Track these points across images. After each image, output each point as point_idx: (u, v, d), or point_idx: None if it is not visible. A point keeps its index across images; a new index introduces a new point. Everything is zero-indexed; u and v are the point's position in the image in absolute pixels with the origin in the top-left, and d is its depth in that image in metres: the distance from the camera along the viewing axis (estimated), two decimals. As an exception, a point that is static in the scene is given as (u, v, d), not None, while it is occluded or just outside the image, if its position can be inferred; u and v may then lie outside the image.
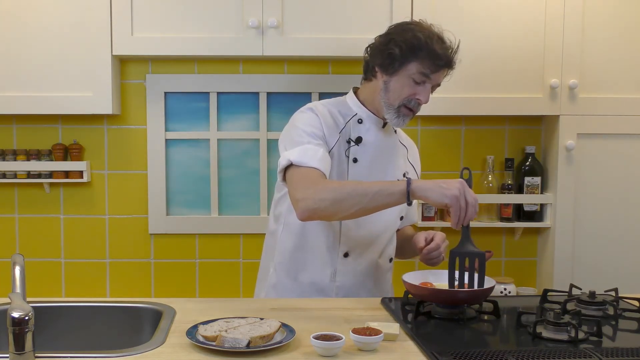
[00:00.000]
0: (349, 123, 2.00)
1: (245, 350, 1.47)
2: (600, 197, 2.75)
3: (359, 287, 2.03)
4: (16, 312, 1.33)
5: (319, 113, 1.96)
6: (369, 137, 2.00)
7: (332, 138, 1.95)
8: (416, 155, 2.20)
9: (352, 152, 1.98)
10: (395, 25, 1.99)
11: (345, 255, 2.02)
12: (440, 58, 1.89)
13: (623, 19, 2.70)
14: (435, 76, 1.92)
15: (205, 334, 1.52)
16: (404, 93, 1.92)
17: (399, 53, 1.90)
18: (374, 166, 1.99)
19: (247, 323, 1.59)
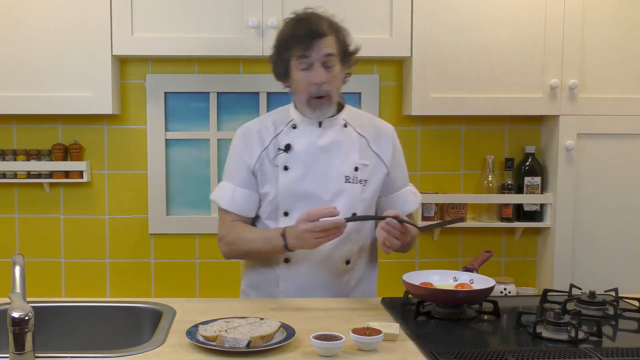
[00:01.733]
0: (283, 130, 2.02)
1: (245, 350, 1.46)
2: (600, 197, 2.75)
3: (305, 292, 1.99)
4: (16, 312, 1.33)
5: (243, 133, 2.05)
6: (302, 141, 1.99)
7: (254, 155, 2.01)
8: (387, 143, 2.08)
9: (282, 160, 1.99)
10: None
11: (286, 260, 2.00)
12: (302, 35, 1.90)
13: (623, 19, 2.70)
14: (314, 52, 1.90)
15: (205, 334, 1.52)
16: (302, 86, 1.94)
17: (277, 59, 1.99)
18: (311, 169, 1.97)
19: (247, 323, 1.59)
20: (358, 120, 2.08)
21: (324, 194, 1.97)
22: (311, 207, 1.93)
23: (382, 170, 2.05)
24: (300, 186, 1.97)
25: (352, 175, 1.99)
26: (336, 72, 1.95)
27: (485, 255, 2.03)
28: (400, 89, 2.90)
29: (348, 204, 1.97)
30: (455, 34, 2.67)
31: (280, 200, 1.99)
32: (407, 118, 2.90)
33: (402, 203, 2.10)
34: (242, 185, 2.02)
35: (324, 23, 1.94)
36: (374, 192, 2.04)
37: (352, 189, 1.98)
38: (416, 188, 2.19)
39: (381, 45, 2.65)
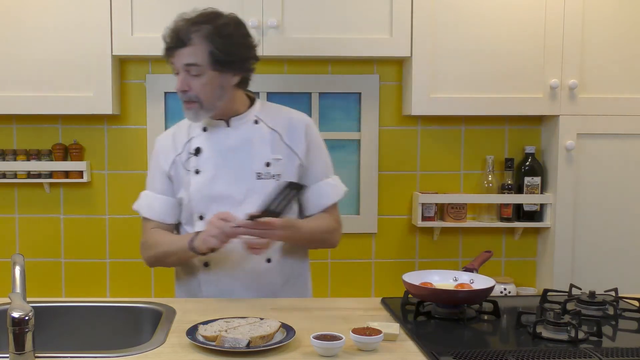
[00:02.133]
0: (195, 134, 2.02)
1: (245, 350, 1.46)
2: (600, 197, 2.75)
3: (227, 294, 1.97)
4: (16, 312, 1.33)
5: (160, 140, 2.09)
6: (210, 143, 1.99)
7: (168, 160, 2.03)
8: (300, 135, 2.04)
9: (193, 164, 1.99)
10: None
11: (206, 265, 1.99)
12: (168, 43, 1.93)
13: (623, 19, 2.70)
14: (175, 60, 1.92)
15: (205, 334, 1.52)
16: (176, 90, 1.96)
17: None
18: (221, 170, 1.97)
19: (247, 323, 1.59)
20: (270, 114, 2.06)
21: (237, 194, 1.96)
22: (224, 208, 1.93)
23: (294, 162, 2.02)
24: (212, 188, 1.96)
25: (263, 171, 1.97)
26: (205, 80, 1.91)
27: (485, 255, 2.03)
28: (400, 89, 2.90)
29: (262, 200, 1.92)
30: (455, 34, 2.67)
31: (193, 204, 1.98)
32: (407, 118, 2.90)
33: (317, 196, 2.07)
34: (159, 192, 2.05)
35: (190, 30, 1.90)
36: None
37: (265, 185, 1.95)
38: (339, 180, 2.13)
39: (381, 45, 2.65)
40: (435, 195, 2.84)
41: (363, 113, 2.87)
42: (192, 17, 1.94)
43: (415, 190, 2.93)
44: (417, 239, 2.96)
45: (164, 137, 2.11)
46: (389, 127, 2.91)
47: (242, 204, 1.96)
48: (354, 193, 2.91)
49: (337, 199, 2.10)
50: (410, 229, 2.95)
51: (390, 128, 2.91)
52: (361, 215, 2.91)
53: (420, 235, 2.96)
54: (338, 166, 2.87)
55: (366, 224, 2.91)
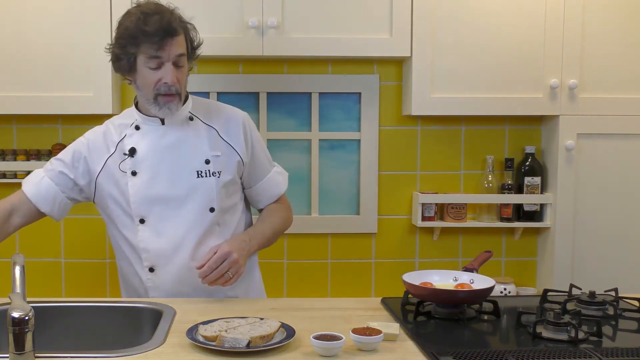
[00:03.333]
0: (127, 134, 1.96)
1: (245, 350, 1.46)
2: (600, 197, 2.75)
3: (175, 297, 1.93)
4: (16, 312, 1.33)
5: (90, 140, 1.99)
6: (145, 143, 1.93)
7: (99, 163, 1.96)
8: (237, 130, 2.01)
9: (128, 165, 1.93)
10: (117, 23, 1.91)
11: (151, 270, 1.95)
12: (154, 34, 1.80)
13: (623, 19, 2.70)
14: (165, 52, 1.82)
15: (205, 334, 1.52)
16: (150, 84, 1.85)
17: (120, 52, 1.86)
18: (159, 170, 1.92)
19: (247, 323, 1.59)
20: (205, 110, 2.01)
21: (177, 194, 1.92)
22: (166, 210, 1.92)
23: (235, 159, 1.99)
24: (151, 190, 1.92)
25: (203, 169, 1.93)
26: (185, 71, 1.90)
27: (485, 255, 2.03)
28: (400, 89, 2.90)
29: (204, 198, 1.93)
30: (455, 34, 2.67)
31: (133, 207, 1.92)
32: (407, 118, 2.90)
33: (271, 187, 2.08)
34: (53, 178, 1.97)
35: (175, 19, 1.84)
36: (230, 181, 1.98)
37: (206, 182, 1.93)
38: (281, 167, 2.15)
39: (381, 45, 2.65)
40: (435, 195, 2.84)
41: (363, 113, 2.87)
42: (160, 7, 1.86)
43: (415, 190, 2.93)
44: (417, 239, 2.96)
45: (93, 135, 2.00)
46: (389, 127, 2.91)
47: (184, 203, 1.93)
48: (354, 193, 2.91)
49: (286, 186, 2.13)
50: (410, 229, 2.95)
51: (390, 128, 2.91)
52: (361, 215, 2.91)
53: (420, 235, 2.96)
54: (338, 166, 2.89)
55: (366, 224, 2.91)
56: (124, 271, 2.05)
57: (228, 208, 2.01)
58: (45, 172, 2.00)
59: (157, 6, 1.87)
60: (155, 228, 1.93)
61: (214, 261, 1.82)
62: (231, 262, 1.84)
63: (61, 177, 1.99)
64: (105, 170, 1.96)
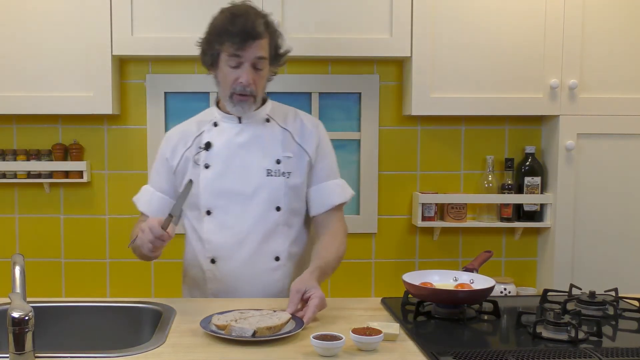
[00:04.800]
0: (206, 129, 2.02)
1: (250, 340, 1.49)
2: (600, 197, 2.75)
3: (232, 291, 1.98)
4: (16, 312, 1.33)
5: (168, 137, 2.08)
6: (221, 138, 1.99)
7: (176, 157, 2.03)
8: (311, 135, 2.04)
9: (202, 158, 1.99)
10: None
11: (212, 261, 1.99)
12: (235, 35, 1.85)
13: (623, 19, 2.70)
14: (246, 53, 1.87)
15: (217, 322, 1.56)
16: (228, 81, 1.92)
17: (206, 47, 1.95)
18: (230, 165, 1.97)
19: (260, 315, 1.62)
20: (282, 115, 2.06)
21: (245, 189, 1.96)
22: (233, 203, 1.96)
23: (305, 159, 2.02)
24: (221, 183, 1.97)
25: (274, 168, 1.97)
26: (264, 74, 1.94)
27: (485, 255, 2.03)
28: (400, 89, 2.90)
29: (271, 196, 1.97)
30: (455, 34, 2.67)
31: (201, 198, 1.97)
32: (407, 118, 2.90)
33: (323, 195, 2.06)
34: (160, 190, 2.06)
35: (261, 23, 1.89)
36: (300, 183, 2.01)
37: (274, 181, 1.97)
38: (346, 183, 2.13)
39: (381, 45, 2.65)
40: (435, 195, 2.84)
41: (363, 113, 2.87)
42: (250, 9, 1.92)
43: (415, 190, 2.93)
44: (417, 239, 2.96)
45: (172, 133, 2.09)
46: (389, 127, 2.91)
47: (251, 200, 1.96)
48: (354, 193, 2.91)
49: (343, 200, 2.09)
50: (410, 229, 2.95)
51: (390, 128, 2.91)
52: (361, 215, 2.91)
53: (420, 235, 2.96)
54: (338, 166, 2.88)
55: (366, 224, 2.91)
56: (187, 259, 2.10)
57: (296, 210, 2.04)
58: (152, 186, 2.08)
59: (248, 8, 1.92)
60: (220, 220, 1.97)
61: (317, 308, 1.71)
62: (324, 304, 1.77)
63: (164, 185, 2.06)
64: (181, 163, 2.02)
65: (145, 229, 1.74)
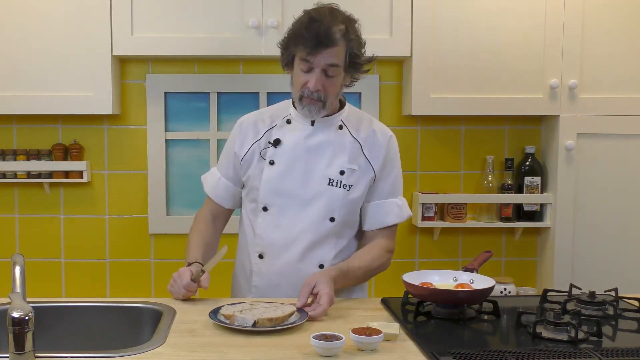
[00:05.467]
0: (277, 124, 2.01)
1: (251, 332, 1.55)
2: (600, 197, 2.75)
3: (273, 289, 1.98)
4: (16, 312, 1.33)
5: (240, 124, 2.07)
6: (291, 137, 1.98)
7: (246, 145, 2.02)
8: (380, 148, 2.01)
9: (269, 154, 1.98)
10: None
11: (260, 256, 2.00)
12: (308, 40, 1.83)
13: (623, 19, 2.70)
14: (317, 59, 1.85)
15: (225, 312, 1.61)
16: (299, 83, 1.91)
17: (284, 47, 1.94)
18: (294, 166, 1.96)
19: (267, 307, 1.67)
20: (356, 122, 2.03)
21: (304, 194, 1.96)
22: (289, 205, 1.96)
23: (369, 175, 1.99)
24: (282, 183, 1.96)
25: (336, 179, 1.95)
26: (336, 82, 1.90)
27: (485, 255, 2.03)
28: (400, 89, 2.90)
29: (327, 206, 1.95)
30: (455, 34, 2.67)
31: (261, 194, 1.98)
32: (407, 118, 2.90)
33: (380, 213, 2.02)
34: (227, 177, 2.08)
35: (337, 30, 1.85)
36: (359, 197, 1.99)
37: (334, 192, 1.95)
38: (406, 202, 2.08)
39: (381, 45, 2.65)
40: (435, 195, 2.84)
41: (363, 113, 2.87)
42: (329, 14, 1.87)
43: (415, 190, 2.93)
44: (417, 239, 2.96)
45: (246, 121, 2.07)
46: (389, 127, 2.89)
47: (308, 205, 1.95)
48: (354, 193, 2.91)
49: (399, 221, 2.06)
50: (410, 229, 2.95)
51: (391, 128, 2.88)
52: (361, 215, 2.91)
53: (420, 235, 2.96)
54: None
55: (366, 224, 2.91)
56: (240, 246, 2.12)
57: (350, 223, 2.02)
58: (220, 171, 2.11)
59: (327, 13, 1.87)
60: (275, 219, 1.98)
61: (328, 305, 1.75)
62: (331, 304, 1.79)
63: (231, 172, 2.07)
64: (249, 154, 2.01)
65: (177, 281, 1.85)
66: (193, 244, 2.04)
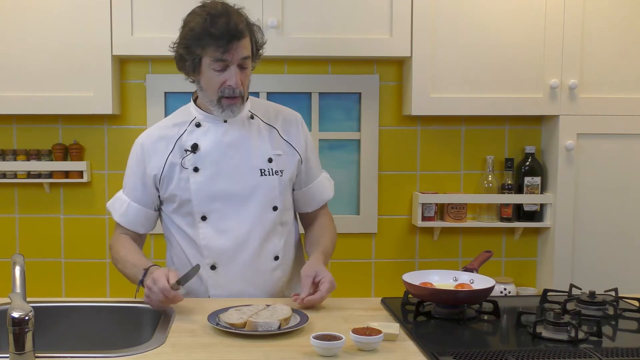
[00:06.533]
0: (186, 130, 1.94)
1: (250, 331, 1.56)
2: (600, 197, 2.75)
3: (234, 295, 1.93)
4: (16, 312, 1.33)
5: (143, 144, 1.96)
6: (208, 139, 1.92)
7: (157, 165, 1.93)
8: (297, 130, 2.02)
9: (190, 161, 1.91)
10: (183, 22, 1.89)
11: (212, 267, 1.94)
12: (219, 37, 1.77)
13: (623, 19, 2.70)
14: (230, 55, 1.80)
15: (237, 321, 1.59)
16: (215, 86, 1.84)
17: (185, 53, 1.85)
18: (222, 167, 1.91)
19: (258, 309, 1.67)
20: (264, 110, 2.01)
21: (241, 191, 1.92)
22: (229, 206, 1.91)
23: (295, 158, 1.99)
24: (214, 187, 1.90)
25: (266, 167, 1.93)
26: (248, 72, 1.88)
27: (485, 255, 2.03)
28: (400, 89, 2.90)
29: (267, 197, 1.93)
30: (455, 34, 2.67)
31: (195, 204, 1.91)
32: (407, 118, 2.90)
33: (321, 191, 2.08)
34: (136, 201, 1.98)
35: (241, 21, 1.81)
36: (289, 180, 2.00)
37: (269, 181, 1.93)
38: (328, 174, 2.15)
39: (381, 45, 2.65)
40: (435, 195, 2.84)
41: (363, 113, 2.87)
42: (227, 8, 1.83)
43: (415, 190, 2.93)
44: (417, 239, 2.96)
45: (146, 141, 1.97)
46: (389, 127, 2.91)
47: (247, 201, 1.93)
48: (354, 193, 2.91)
49: (332, 193, 2.13)
50: (410, 229, 2.95)
51: (390, 128, 2.91)
52: (361, 215, 2.91)
53: (420, 235, 2.96)
54: (338, 166, 2.89)
55: (366, 224, 2.91)
56: (176, 265, 2.01)
57: (288, 207, 2.02)
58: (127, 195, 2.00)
59: (224, 7, 1.83)
60: (217, 225, 1.92)
61: (328, 292, 1.81)
62: (334, 286, 1.83)
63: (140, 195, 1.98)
64: (166, 169, 1.93)
65: (153, 288, 1.71)
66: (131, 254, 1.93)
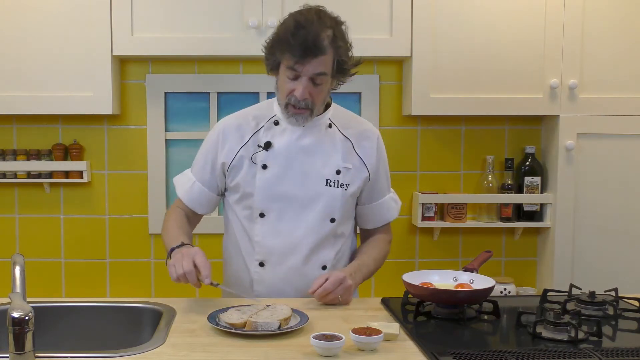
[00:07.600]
0: (264, 127, 1.95)
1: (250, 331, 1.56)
2: (600, 197, 2.75)
3: (277, 295, 1.93)
4: (16, 312, 1.33)
5: (222, 129, 1.98)
6: (283, 139, 1.92)
7: (231, 152, 1.94)
8: (371, 147, 2.00)
9: (260, 158, 1.92)
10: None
11: (261, 264, 1.95)
12: (295, 49, 1.76)
13: (623, 19, 2.70)
14: (304, 68, 1.78)
15: (237, 321, 1.60)
16: (285, 91, 1.84)
17: (269, 52, 1.86)
18: (290, 169, 1.91)
19: (265, 310, 1.66)
20: (344, 120, 2.00)
21: (302, 196, 1.92)
22: (288, 209, 1.92)
23: (363, 174, 1.98)
24: (279, 186, 1.91)
25: (333, 179, 1.93)
26: (323, 89, 1.85)
27: (485, 255, 2.03)
28: (400, 89, 2.90)
29: (326, 208, 1.93)
30: (455, 34, 2.67)
31: (256, 200, 1.92)
32: (407, 118, 2.90)
33: (384, 212, 2.07)
34: (202, 182, 2.00)
35: (324, 37, 1.77)
36: (354, 194, 1.99)
37: (332, 192, 1.93)
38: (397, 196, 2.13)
39: (381, 45, 2.65)
40: (435, 195, 2.84)
41: (363, 113, 2.87)
42: (317, 20, 1.79)
43: (415, 190, 2.93)
44: (417, 239, 2.96)
45: (227, 125, 1.97)
46: (389, 127, 2.91)
47: (307, 208, 1.92)
48: (354, 193, 2.91)
49: (397, 215, 2.11)
50: (410, 229, 2.95)
51: (390, 128, 2.91)
52: (361, 215, 2.91)
53: (420, 235, 2.96)
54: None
55: (366, 224, 2.91)
56: (231, 254, 2.04)
57: (347, 220, 2.01)
58: (194, 174, 2.03)
59: (314, 18, 1.79)
60: (273, 225, 1.93)
61: (331, 284, 1.80)
62: (345, 288, 1.83)
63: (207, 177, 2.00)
64: (237, 159, 1.94)
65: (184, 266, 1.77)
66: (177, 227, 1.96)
